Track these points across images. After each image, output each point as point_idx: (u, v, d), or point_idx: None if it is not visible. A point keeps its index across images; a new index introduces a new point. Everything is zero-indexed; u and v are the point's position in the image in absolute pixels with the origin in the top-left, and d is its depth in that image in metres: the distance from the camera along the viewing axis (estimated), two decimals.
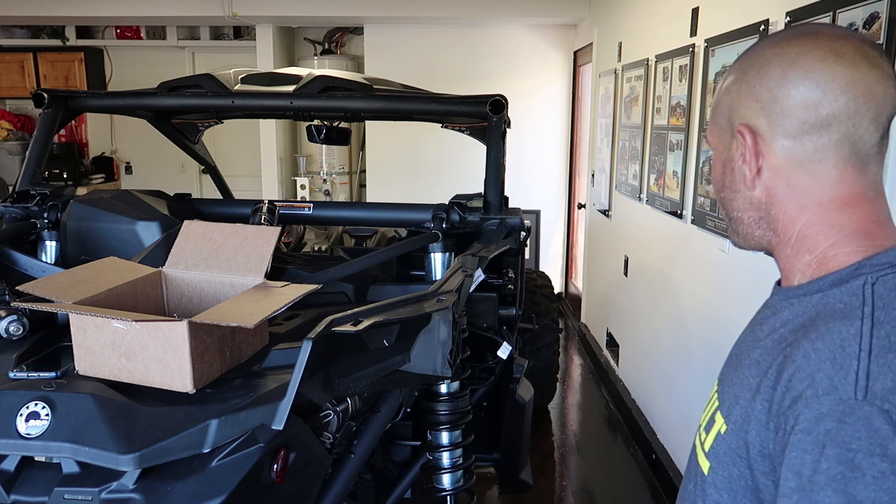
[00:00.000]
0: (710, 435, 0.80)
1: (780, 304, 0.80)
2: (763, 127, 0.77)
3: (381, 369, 1.49)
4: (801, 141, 0.75)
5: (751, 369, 0.76)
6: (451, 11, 5.40)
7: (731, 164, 0.81)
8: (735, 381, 0.78)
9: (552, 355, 3.76)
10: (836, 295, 0.73)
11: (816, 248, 0.77)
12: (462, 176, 5.38)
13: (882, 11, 1.65)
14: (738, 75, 0.80)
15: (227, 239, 1.65)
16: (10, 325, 1.54)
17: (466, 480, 1.90)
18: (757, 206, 0.81)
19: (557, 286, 6.00)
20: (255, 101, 2.52)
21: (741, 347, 0.83)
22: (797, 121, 0.75)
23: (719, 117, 0.83)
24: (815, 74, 0.74)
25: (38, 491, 1.25)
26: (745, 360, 0.79)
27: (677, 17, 3.12)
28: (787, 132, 0.76)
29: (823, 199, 0.76)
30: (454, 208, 2.25)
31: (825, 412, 0.63)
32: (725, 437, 0.76)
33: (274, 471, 1.30)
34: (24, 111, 6.94)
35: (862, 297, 0.70)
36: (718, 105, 0.83)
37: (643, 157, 3.63)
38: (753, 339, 0.81)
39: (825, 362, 0.66)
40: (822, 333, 0.69)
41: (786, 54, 0.76)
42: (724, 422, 0.77)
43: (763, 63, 0.77)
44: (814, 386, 0.65)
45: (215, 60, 6.35)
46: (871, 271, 0.72)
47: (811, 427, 0.64)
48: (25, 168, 2.44)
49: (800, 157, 0.76)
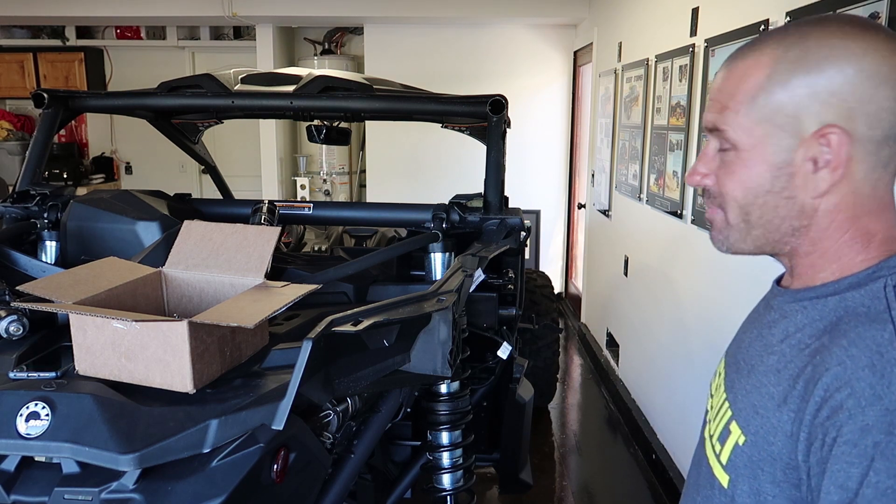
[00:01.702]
0: (726, 447, 0.76)
1: (790, 307, 0.76)
2: (854, 130, 0.69)
3: (381, 369, 1.49)
4: (881, 147, 0.70)
5: (769, 377, 0.73)
6: (451, 11, 5.40)
7: (791, 168, 0.73)
8: (750, 389, 0.75)
9: (552, 355, 3.76)
10: (856, 297, 0.70)
11: (847, 257, 0.74)
12: (462, 176, 5.39)
13: (882, 11, 1.65)
14: (809, 67, 0.70)
15: (227, 239, 1.65)
16: (10, 325, 1.54)
17: (466, 480, 1.90)
18: (808, 215, 0.74)
19: (557, 286, 6.00)
20: (255, 101, 2.52)
21: (750, 353, 0.80)
22: (887, 126, 0.69)
23: (774, 113, 0.72)
24: None
25: (38, 491, 1.25)
26: (759, 367, 0.76)
27: (677, 17, 3.12)
28: (874, 138, 0.70)
29: (873, 207, 0.73)
30: (454, 208, 2.25)
31: (871, 423, 0.61)
32: (745, 449, 0.73)
33: (274, 471, 1.30)
34: (24, 111, 6.94)
35: (885, 299, 0.68)
36: (771, 97, 0.72)
37: (643, 157, 3.63)
38: (764, 344, 0.77)
39: (864, 370, 0.63)
40: (854, 339, 0.66)
41: (877, 50, 0.68)
42: (741, 432, 0.74)
43: (850, 56, 0.69)
44: (855, 396, 0.62)
45: (215, 60, 6.35)
46: (889, 273, 0.70)
47: (857, 439, 0.61)
48: (25, 168, 2.44)
49: (874, 164, 0.71)
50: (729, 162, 0.77)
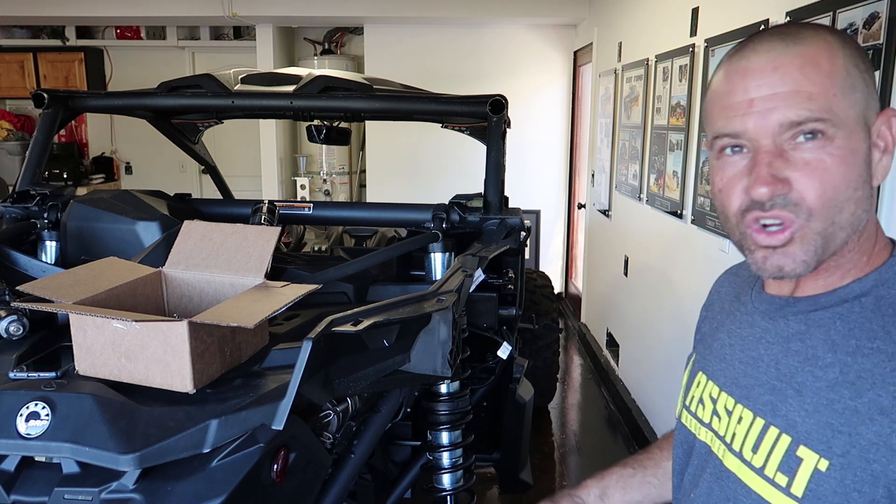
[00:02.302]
0: (798, 476, 0.68)
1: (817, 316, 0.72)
2: None
3: (381, 369, 1.49)
4: None
5: (839, 392, 0.67)
6: (451, 11, 5.40)
7: (870, 156, 0.71)
8: (812, 409, 0.69)
9: (552, 355, 3.76)
10: (891, 291, 0.70)
11: (872, 246, 0.73)
12: (462, 176, 5.39)
13: (882, 11, 1.65)
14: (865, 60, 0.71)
15: (227, 239, 1.65)
16: (10, 325, 1.53)
17: (466, 480, 1.90)
18: (868, 206, 0.71)
19: (557, 286, 6.00)
20: (255, 101, 2.52)
21: (785, 372, 0.73)
22: None
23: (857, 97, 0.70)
24: None
25: (38, 491, 1.25)
26: (814, 383, 0.70)
27: (677, 17, 3.12)
28: None
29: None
30: (454, 208, 2.24)
31: None
32: (833, 474, 0.65)
33: (274, 471, 1.30)
34: (24, 111, 6.94)
35: None
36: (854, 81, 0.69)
37: (643, 157, 3.63)
38: (803, 358, 0.72)
39: None
40: None
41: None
42: (819, 457, 0.66)
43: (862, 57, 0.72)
44: None
45: (215, 60, 6.36)
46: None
47: None
48: (25, 168, 2.44)
49: None
50: (817, 157, 0.69)
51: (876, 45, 1.67)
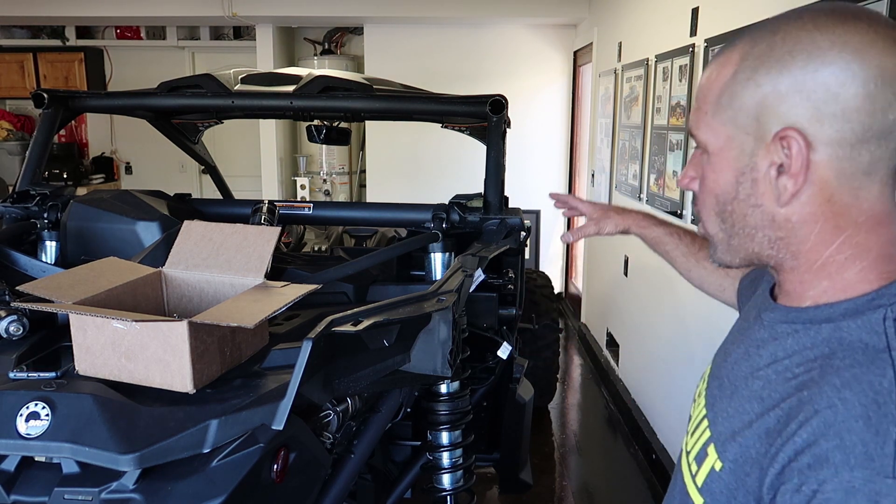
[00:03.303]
0: (702, 469, 0.72)
1: (780, 328, 0.70)
2: (815, 132, 0.63)
3: (381, 369, 1.49)
4: (856, 151, 0.63)
5: (751, 404, 0.68)
6: (451, 11, 5.40)
7: (755, 173, 0.67)
8: (731, 413, 0.70)
9: (552, 355, 3.76)
10: (853, 329, 0.64)
11: (840, 275, 0.67)
12: (462, 176, 5.38)
13: (882, 11, 1.65)
14: (773, 63, 0.64)
15: (227, 239, 1.65)
16: (10, 325, 1.54)
17: (466, 480, 1.90)
18: (780, 226, 0.68)
19: (557, 286, 6.00)
20: (255, 101, 2.52)
21: (735, 372, 0.74)
22: (860, 126, 0.62)
23: (737, 113, 0.67)
24: (887, 72, 0.61)
25: (38, 491, 1.25)
26: (743, 390, 0.71)
27: (677, 17, 3.12)
28: (845, 140, 0.63)
29: (860, 218, 0.65)
30: (454, 208, 2.25)
31: (857, 487, 0.55)
32: (721, 476, 0.68)
33: (274, 471, 1.30)
34: (24, 111, 6.94)
35: (885, 335, 0.61)
36: (735, 96, 0.67)
37: (643, 157, 3.63)
38: (751, 366, 0.71)
39: (857, 421, 0.57)
40: (849, 381, 0.59)
41: (846, 43, 0.61)
42: (717, 457, 0.69)
43: (815, 51, 0.62)
44: (844, 450, 0.56)
45: (215, 60, 6.35)
46: (889, 303, 0.63)
47: (838, 499, 0.55)
48: (25, 168, 2.44)
49: (851, 169, 0.64)
50: (704, 166, 0.73)
51: None
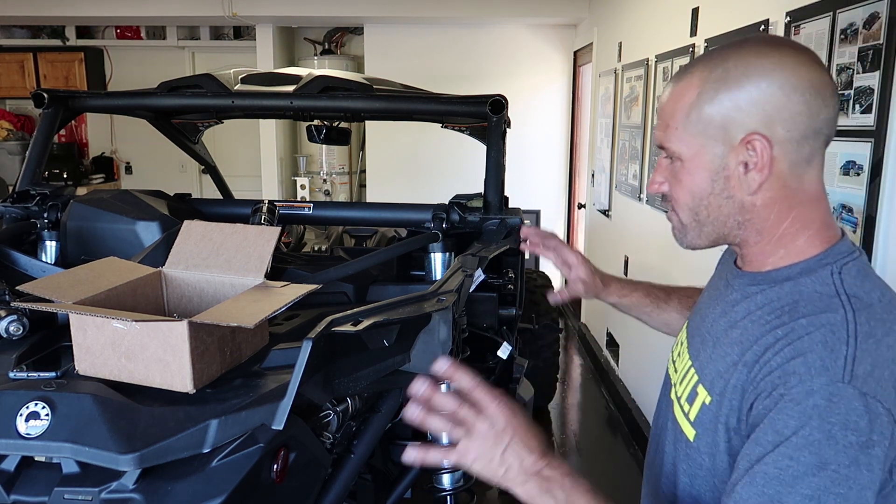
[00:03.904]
0: (693, 406, 0.88)
1: (750, 290, 0.88)
2: (772, 134, 0.80)
3: (381, 369, 1.49)
4: (800, 146, 0.81)
5: (732, 348, 0.84)
6: (451, 11, 5.40)
7: (727, 171, 0.84)
8: (715, 358, 0.86)
9: (552, 355, 3.76)
10: (808, 283, 0.82)
11: (793, 244, 0.85)
12: (462, 176, 5.38)
13: (882, 11, 1.65)
14: (731, 84, 0.82)
15: (227, 239, 1.65)
16: (10, 325, 1.53)
17: (466, 480, 1.90)
18: (748, 210, 0.85)
19: (557, 286, 6.00)
20: (255, 101, 2.52)
21: (715, 328, 0.90)
22: (802, 127, 0.80)
23: (706, 126, 0.84)
24: (816, 83, 0.80)
25: (38, 491, 1.25)
26: (724, 339, 0.87)
27: (677, 17, 3.12)
28: (792, 139, 0.80)
29: (804, 197, 0.84)
30: (454, 208, 2.24)
31: (815, 389, 0.73)
32: (710, 408, 0.84)
33: (274, 471, 1.30)
34: (24, 111, 6.94)
35: (833, 285, 0.80)
36: (702, 113, 0.84)
37: (643, 156, 3.63)
38: (728, 321, 0.88)
39: (818, 345, 0.75)
40: (812, 320, 0.77)
41: (784, 64, 0.80)
42: (707, 394, 0.85)
43: (764, 72, 0.80)
44: (806, 364, 0.74)
45: (215, 60, 6.35)
46: (833, 261, 0.82)
47: (801, 399, 0.73)
48: (25, 168, 2.44)
49: (798, 160, 0.82)
50: (676, 171, 0.89)
51: (876, 45, 1.67)
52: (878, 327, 0.76)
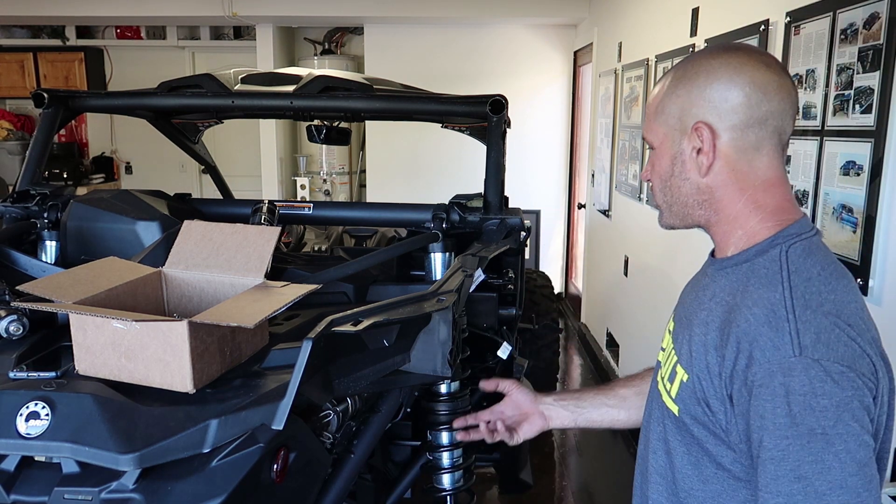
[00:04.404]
0: (674, 384, 0.97)
1: (717, 274, 0.98)
2: (716, 123, 0.92)
3: (381, 369, 1.49)
4: (744, 133, 0.92)
5: (701, 328, 0.93)
6: (451, 11, 5.40)
7: (683, 156, 0.97)
8: (689, 338, 0.95)
9: (552, 355, 3.76)
10: (761, 263, 0.91)
11: (747, 224, 0.95)
12: (462, 176, 5.38)
13: (882, 11, 1.65)
14: (686, 81, 0.95)
15: (227, 239, 1.65)
16: (10, 325, 1.53)
17: (466, 480, 1.90)
18: (704, 191, 0.97)
19: (557, 286, 6.00)
20: (255, 101, 2.52)
21: (689, 311, 1.00)
22: (744, 116, 0.91)
23: (667, 117, 0.97)
24: (757, 80, 0.91)
25: (38, 491, 1.25)
26: (695, 321, 0.96)
27: (677, 17, 3.12)
28: (735, 126, 0.92)
29: (756, 182, 0.94)
30: (454, 208, 2.24)
31: (775, 369, 0.81)
32: (688, 385, 0.93)
33: (274, 471, 1.30)
34: (24, 111, 6.94)
35: (779, 262, 0.89)
36: (665, 107, 0.97)
37: (643, 157, 3.63)
38: (699, 303, 0.98)
39: (763, 326, 0.84)
40: (756, 300, 0.87)
41: (730, 64, 0.92)
42: (684, 372, 0.95)
43: (711, 71, 0.93)
44: (760, 348, 0.83)
45: (215, 60, 6.35)
46: (783, 241, 0.91)
47: (766, 381, 0.81)
48: (25, 168, 2.44)
49: (743, 146, 0.93)
50: (652, 159, 1.03)
51: (876, 45, 1.67)
52: (812, 298, 0.84)
